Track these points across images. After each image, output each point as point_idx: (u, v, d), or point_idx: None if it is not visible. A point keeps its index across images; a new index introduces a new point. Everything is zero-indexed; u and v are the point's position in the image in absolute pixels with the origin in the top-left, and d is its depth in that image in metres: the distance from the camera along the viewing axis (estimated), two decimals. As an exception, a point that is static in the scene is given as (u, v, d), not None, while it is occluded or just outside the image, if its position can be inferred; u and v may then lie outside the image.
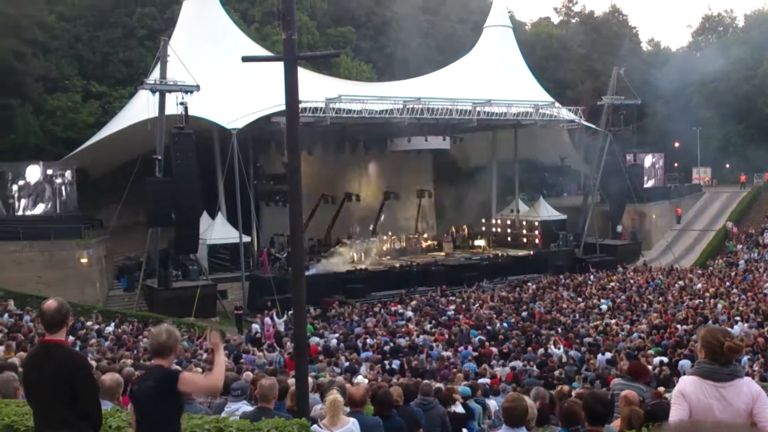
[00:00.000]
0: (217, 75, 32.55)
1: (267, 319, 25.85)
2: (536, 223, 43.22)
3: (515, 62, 47.06)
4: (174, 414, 4.56)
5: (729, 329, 18.29)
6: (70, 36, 45.62)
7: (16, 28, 40.53)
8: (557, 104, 41.56)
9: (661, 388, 10.91)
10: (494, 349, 19.65)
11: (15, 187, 33.30)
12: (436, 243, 43.45)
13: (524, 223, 44.20)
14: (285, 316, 25.95)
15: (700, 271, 35.34)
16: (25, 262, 31.24)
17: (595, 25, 68.55)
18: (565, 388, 10.57)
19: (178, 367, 4.83)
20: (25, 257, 31.36)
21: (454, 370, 16.28)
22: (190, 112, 28.50)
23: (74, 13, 46.36)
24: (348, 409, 6.63)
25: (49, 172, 34.04)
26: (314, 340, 21.68)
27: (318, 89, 32.89)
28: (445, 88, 39.08)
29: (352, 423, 5.96)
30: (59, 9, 45.45)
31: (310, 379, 9.14)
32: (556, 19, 76.33)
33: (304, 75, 27.53)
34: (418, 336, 22.21)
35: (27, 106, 41.04)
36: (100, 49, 46.61)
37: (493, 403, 11.53)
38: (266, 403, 6.74)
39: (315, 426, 5.69)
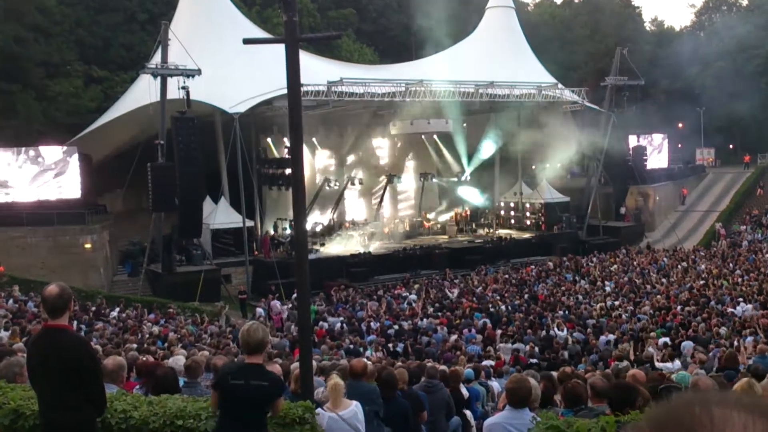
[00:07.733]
0: (219, 59, 32.34)
1: (273, 303, 25.86)
2: (539, 206, 43.16)
3: (518, 43, 46.72)
4: (265, 418, 4.87)
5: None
6: (71, 21, 45.42)
7: (16, 13, 40.39)
8: (560, 85, 41.34)
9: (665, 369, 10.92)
10: (498, 332, 19.69)
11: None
12: (439, 225, 43.41)
13: (527, 205, 44.14)
14: (289, 303, 25.83)
15: (703, 252, 35.28)
16: (29, 247, 31.21)
17: (598, 5, 68.06)
18: (568, 369, 10.56)
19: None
20: (29, 243, 31.31)
21: (458, 352, 16.32)
22: (192, 97, 28.36)
23: (75, -2, 46.17)
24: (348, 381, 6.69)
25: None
26: (320, 324, 21.73)
27: (320, 73, 32.75)
28: (448, 70, 38.83)
29: (355, 405, 5.98)
30: (59, -7, 45.27)
31: (314, 362, 9.16)
32: None
33: (306, 59, 27.39)
34: (421, 319, 22.25)
35: (29, 92, 40.94)
36: (101, 34, 46.45)
37: (496, 385, 11.56)
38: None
39: (319, 409, 5.72)
